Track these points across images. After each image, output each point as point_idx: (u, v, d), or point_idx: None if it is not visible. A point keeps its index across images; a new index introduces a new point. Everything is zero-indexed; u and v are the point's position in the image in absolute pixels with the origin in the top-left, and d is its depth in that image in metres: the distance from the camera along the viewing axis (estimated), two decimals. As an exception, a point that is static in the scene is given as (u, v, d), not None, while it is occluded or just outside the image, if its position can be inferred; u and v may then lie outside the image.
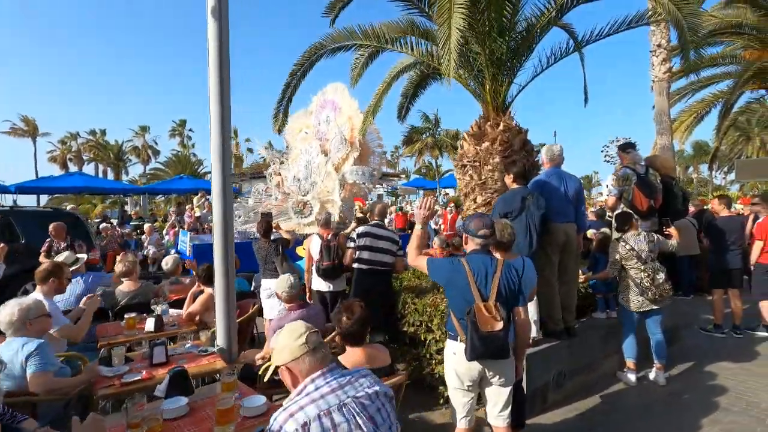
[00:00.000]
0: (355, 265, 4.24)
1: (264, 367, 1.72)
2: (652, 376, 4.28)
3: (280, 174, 9.40)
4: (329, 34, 6.22)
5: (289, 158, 9.45)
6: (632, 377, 4.19)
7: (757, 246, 5.68)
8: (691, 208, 8.03)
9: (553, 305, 3.93)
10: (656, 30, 9.27)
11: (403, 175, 30.11)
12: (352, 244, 4.26)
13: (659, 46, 9.23)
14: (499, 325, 2.27)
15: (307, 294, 4.90)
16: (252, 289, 5.92)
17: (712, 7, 12.84)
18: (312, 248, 4.76)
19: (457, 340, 2.43)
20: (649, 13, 5.24)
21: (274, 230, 5.37)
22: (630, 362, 4.22)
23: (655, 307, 4.06)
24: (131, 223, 15.13)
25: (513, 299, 2.43)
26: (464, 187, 5.58)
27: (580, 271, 4.78)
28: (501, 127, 5.36)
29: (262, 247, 5.02)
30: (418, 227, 2.73)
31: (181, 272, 5.31)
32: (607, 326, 4.49)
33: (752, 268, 5.76)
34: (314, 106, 9.47)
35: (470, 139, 5.60)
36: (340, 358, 2.38)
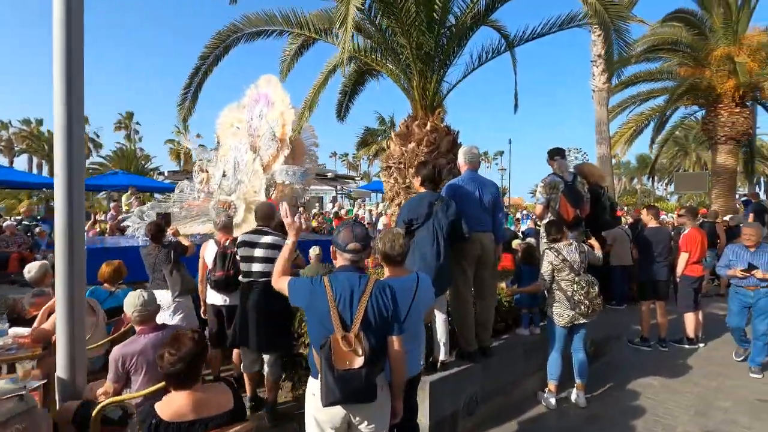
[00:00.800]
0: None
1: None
2: (573, 397, 4.00)
3: (207, 171, 8.67)
4: (246, 16, 5.64)
5: (218, 155, 8.73)
6: (552, 400, 3.89)
7: (682, 258, 5.63)
8: (630, 219, 8.07)
9: (466, 324, 3.55)
10: (597, 40, 9.36)
11: (358, 177, 29.54)
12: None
13: (599, 56, 9.31)
14: (359, 361, 1.81)
15: (202, 308, 4.29)
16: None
17: (651, 25, 13.31)
18: (206, 255, 4.16)
19: (317, 378, 1.95)
20: (581, 14, 5.07)
21: (170, 234, 4.72)
22: (552, 384, 3.92)
23: (584, 321, 3.78)
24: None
25: (385, 327, 1.97)
26: (389, 191, 5.17)
27: (504, 285, 4.47)
28: (428, 127, 4.99)
29: (150, 254, 4.34)
30: (289, 240, 2.25)
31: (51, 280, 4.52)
32: (531, 343, 4.19)
33: (678, 280, 5.71)
34: (247, 100, 8.81)
35: (397, 140, 5.20)
36: (157, 406, 1.83)
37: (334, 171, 25.45)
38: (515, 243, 5.87)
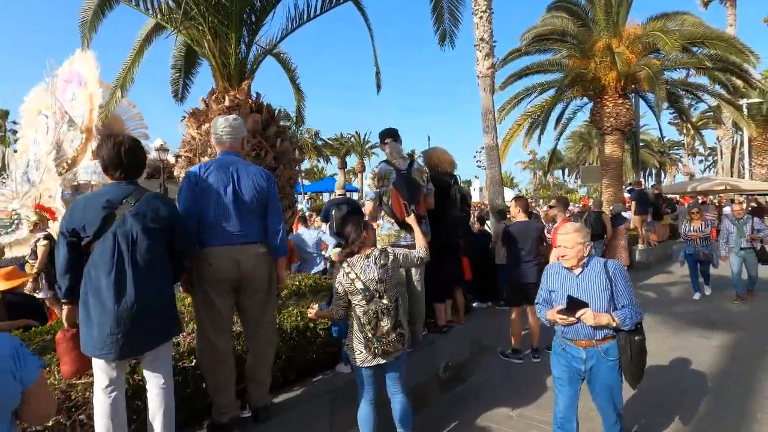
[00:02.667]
0: None
1: None
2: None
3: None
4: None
5: (19, 149, 6.82)
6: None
7: (553, 254, 4.97)
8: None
9: (217, 383, 2.38)
10: (479, 23, 8.74)
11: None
12: None
13: (482, 39, 8.70)
14: None
15: None
16: None
17: (541, 16, 13.27)
18: None
19: None
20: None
21: None
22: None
23: (383, 362, 2.76)
24: None
25: None
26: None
27: (316, 307, 3.37)
28: (226, 102, 3.77)
29: None
30: None
31: None
32: (345, 386, 3.13)
33: (550, 279, 5.06)
34: (59, 81, 6.99)
35: (191, 120, 3.91)
36: None
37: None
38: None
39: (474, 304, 6.13)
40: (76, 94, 6.59)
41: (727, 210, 10.58)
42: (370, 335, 2.67)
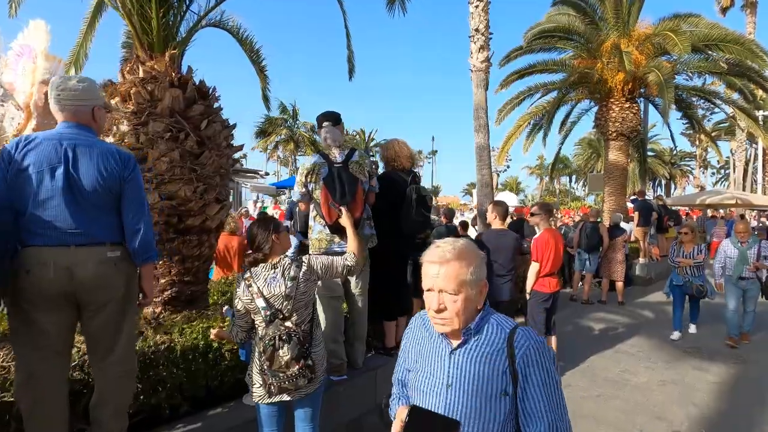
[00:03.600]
0: None
1: None
2: None
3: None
4: None
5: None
6: None
7: (532, 269, 4.35)
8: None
9: (35, 419, 1.80)
10: (475, 12, 8.11)
11: (264, 172, 26.88)
12: None
13: (477, 30, 8.07)
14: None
15: None
16: None
17: (546, 12, 12.61)
18: None
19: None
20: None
21: None
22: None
23: (287, 398, 2.16)
24: None
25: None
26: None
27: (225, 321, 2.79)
28: (141, 73, 3.19)
29: None
30: None
31: None
32: (249, 423, 2.53)
33: (527, 296, 4.44)
34: (11, 55, 6.47)
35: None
36: None
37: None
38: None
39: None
40: (26, 69, 6.07)
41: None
42: (264, 367, 2.09)
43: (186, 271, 3.39)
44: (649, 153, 41.47)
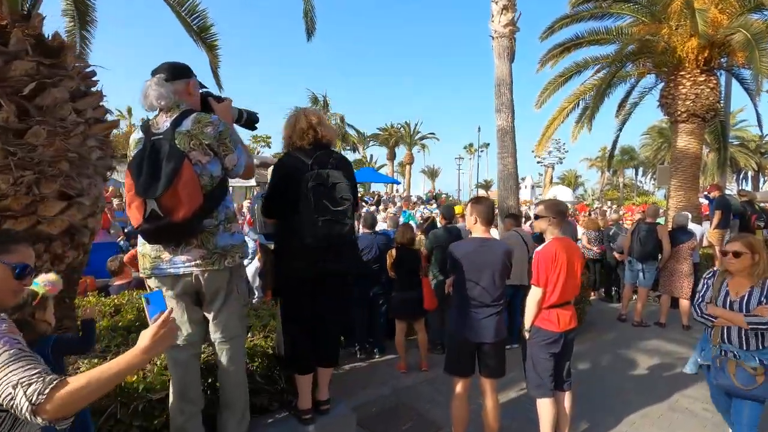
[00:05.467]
0: None
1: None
2: None
3: None
4: None
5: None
6: None
7: (532, 297, 2.98)
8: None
9: None
10: (496, -33, 6.62)
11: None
12: None
13: (498, -13, 6.58)
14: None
15: None
16: None
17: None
18: None
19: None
20: None
21: None
22: None
23: None
24: None
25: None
26: None
27: None
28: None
29: None
30: None
31: None
32: None
33: (525, 335, 3.07)
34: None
35: None
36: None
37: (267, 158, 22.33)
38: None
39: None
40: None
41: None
42: None
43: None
44: (734, 141, 36.15)
